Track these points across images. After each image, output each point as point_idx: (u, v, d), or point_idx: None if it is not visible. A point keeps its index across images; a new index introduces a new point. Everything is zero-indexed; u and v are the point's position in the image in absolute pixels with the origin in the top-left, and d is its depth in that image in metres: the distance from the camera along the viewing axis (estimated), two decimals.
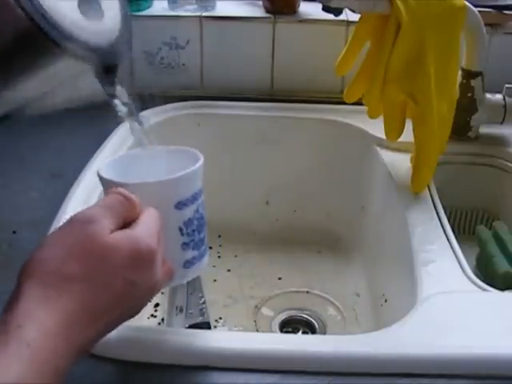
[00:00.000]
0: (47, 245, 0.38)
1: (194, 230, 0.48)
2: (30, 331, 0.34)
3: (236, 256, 0.90)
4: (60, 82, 0.42)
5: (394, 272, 0.71)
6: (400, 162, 0.77)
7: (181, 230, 0.47)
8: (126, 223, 0.41)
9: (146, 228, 0.41)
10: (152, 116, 0.89)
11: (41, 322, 0.35)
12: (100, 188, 0.70)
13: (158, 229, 0.42)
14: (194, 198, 0.47)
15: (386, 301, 0.72)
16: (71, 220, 0.39)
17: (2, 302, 0.55)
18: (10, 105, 0.41)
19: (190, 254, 0.48)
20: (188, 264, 0.48)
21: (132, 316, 0.42)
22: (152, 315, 0.76)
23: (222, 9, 0.97)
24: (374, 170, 0.83)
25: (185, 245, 0.48)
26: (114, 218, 0.39)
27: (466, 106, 0.79)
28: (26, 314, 0.35)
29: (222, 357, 0.49)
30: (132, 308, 0.41)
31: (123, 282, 0.38)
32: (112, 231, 0.39)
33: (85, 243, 0.37)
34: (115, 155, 0.50)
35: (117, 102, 0.45)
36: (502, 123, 0.80)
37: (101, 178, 0.47)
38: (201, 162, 0.49)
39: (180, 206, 0.46)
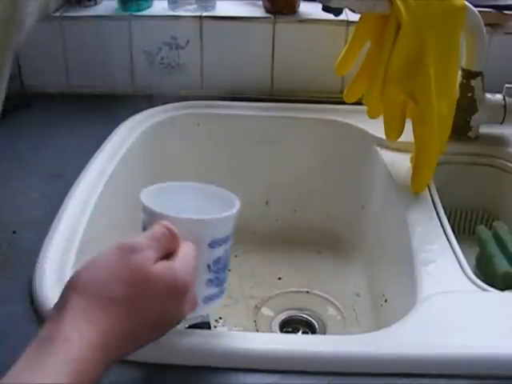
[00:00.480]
0: (96, 266, 0.41)
1: (219, 269, 0.50)
2: (76, 345, 0.37)
3: (236, 256, 0.90)
4: None
5: (394, 272, 0.71)
6: (400, 162, 0.77)
7: (209, 267, 0.49)
8: (167, 254, 0.44)
9: (185, 262, 0.44)
10: (152, 116, 0.89)
11: (85, 336, 0.38)
12: (100, 188, 0.71)
13: (194, 264, 0.45)
14: (227, 238, 0.49)
15: (386, 301, 0.72)
16: (120, 247, 0.42)
17: (2, 301, 0.55)
18: None
19: (212, 290, 0.50)
20: (207, 300, 0.50)
21: (153, 341, 0.44)
22: None
23: (222, 9, 0.97)
24: (373, 170, 0.83)
25: (209, 281, 0.49)
26: (158, 250, 0.43)
27: (466, 106, 0.79)
28: (73, 328, 0.38)
29: (222, 357, 0.49)
30: (157, 334, 0.44)
31: (157, 312, 0.42)
32: (155, 261, 0.42)
33: (131, 271, 0.41)
34: (156, 185, 0.52)
35: None
36: (501, 123, 0.80)
37: (145, 208, 0.48)
38: (238, 205, 0.50)
39: (213, 244, 0.48)
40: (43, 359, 0.36)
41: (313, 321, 0.80)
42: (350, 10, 0.72)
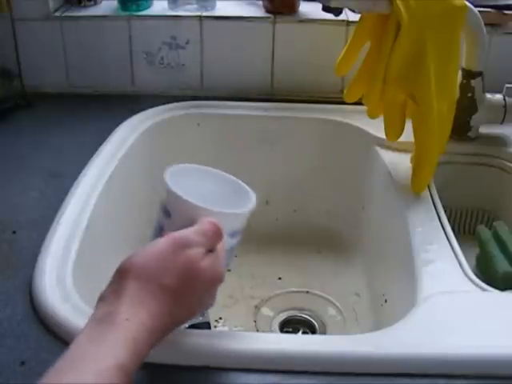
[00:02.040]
0: (151, 255, 0.45)
1: (228, 258, 0.52)
2: (134, 326, 0.41)
3: (236, 256, 0.90)
4: None
5: (394, 272, 0.71)
6: (400, 162, 0.77)
7: None
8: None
9: (222, 257, 0.49)
10: (152, 116, 0.89)
11: (141, 319, 0.41)
12: (100, 188, 0.71)
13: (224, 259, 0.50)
14: (241, 231, 0.52)
15: (386, 301, 0.72)
16: (175, 241, 0.45)
17: (2, 301, 0.55)
18: None
19: None
20: None
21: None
22: None
23: (222, 9, 0.97)
24: (374, 169, 0.83)
25: None
26: (206, 246, 0.47)
27: (466, 106, 0.79)
28: (132, 311, 0.41)
29: (222, 357, 0.49)
30: (189, 318, 0.48)
31: (197, 300, 0.47)
32: (203, 256, 0.46)
33: (183, 265, 0.45)
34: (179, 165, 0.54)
35: None
36: (501, 123, 0.80)
37: (177, 196, 0.49)
38: (254, 200, 0.53)
39: (232, 234, 0.51)
40: (105, 333, 0.40)
41: (313, 321, 0.80)
42: (350, 9, 0.72)
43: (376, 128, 0.81)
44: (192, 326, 0.62)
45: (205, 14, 0.94)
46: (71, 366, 0.38)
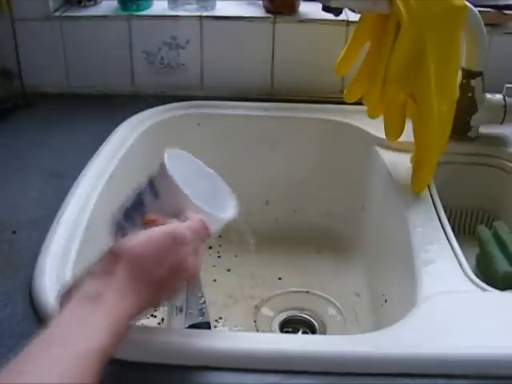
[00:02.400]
0: (148, 243, 0.46)
1: None
2: (119, 311, 0.42)
3: (236, 256, 0.90)
4: None
5: (394, 272, 0.71)
6: (400, 162, 0.77)
7: None
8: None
9: (201, 257, 0.50)
10: (152, 116, 0.89)
11: (126, 305, 0.43)
12: (100, 188, 0.71)
13: None
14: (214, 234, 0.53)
15: (386, 301, 0.72)
16: (174, 236, 0.47)
17: (2, 301, 0.55)
18: None
19: None
20: None
21: None
22: (152, 315, 0.76)
23: (222, 9, 0.97)
24: (374, 169, 0.83)
25: None
26: (196, 244, 0.48)
27: (466, 106, 0.79)
28: (119, 295, 0.43)
29: (222, 357, 0.49)
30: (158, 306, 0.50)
31: (174, 293, 0.49)
32: (192, 253, 0.48)
33: (176, 260, 0.46)
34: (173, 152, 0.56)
35: None
36: (501, 123, 0.80)
37: (174, 184, 0.50)
38: (235, 206, 0.54)
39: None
40: (91, 313, 0.41)
41: (313, 321, 0.80)
42: (350, 9, 0.72)
43: (376, 128, 0.81)
44: (192, 326, 0.62)
45: (205, 14, 0.94)
46: (53, 342, 0.38)
